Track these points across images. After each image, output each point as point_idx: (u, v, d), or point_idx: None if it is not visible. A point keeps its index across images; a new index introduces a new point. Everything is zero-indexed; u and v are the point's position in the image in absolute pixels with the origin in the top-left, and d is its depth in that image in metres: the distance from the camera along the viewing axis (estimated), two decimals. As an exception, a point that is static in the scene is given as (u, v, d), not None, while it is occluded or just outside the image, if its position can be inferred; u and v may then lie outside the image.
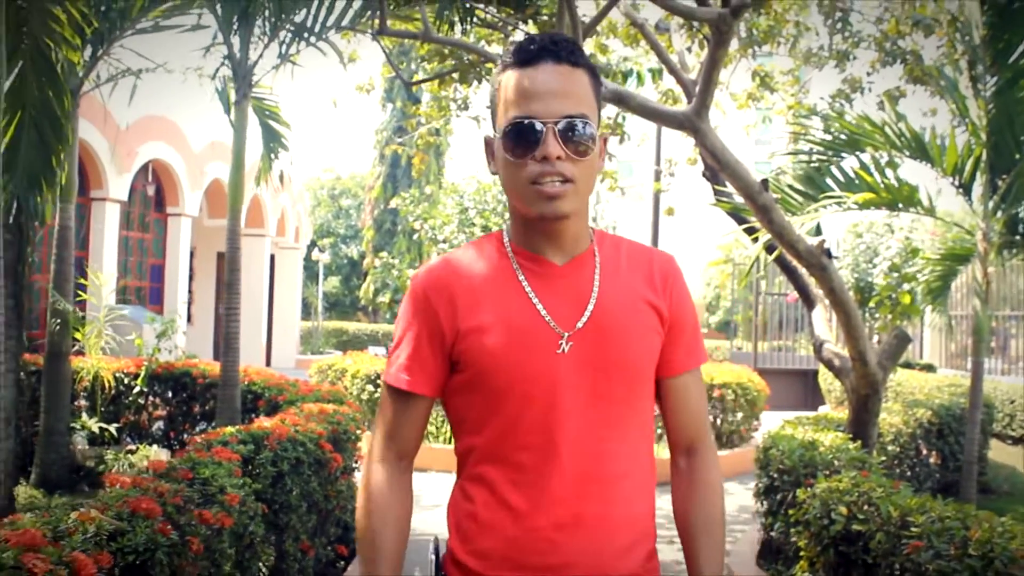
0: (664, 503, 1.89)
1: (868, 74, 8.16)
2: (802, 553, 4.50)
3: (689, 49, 8.03)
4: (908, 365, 14.87)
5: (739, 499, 7.89)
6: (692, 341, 1.76)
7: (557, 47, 1.60)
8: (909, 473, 7.77)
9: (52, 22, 5.48)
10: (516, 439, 1.61)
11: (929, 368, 14.97)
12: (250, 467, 4.01)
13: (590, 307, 1.63)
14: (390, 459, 1.73)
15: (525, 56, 1.61)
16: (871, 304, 8.31)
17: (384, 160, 30.31)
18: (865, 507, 3.88)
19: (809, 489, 4.40)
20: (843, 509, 3.96)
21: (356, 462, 5.39)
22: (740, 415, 10.48)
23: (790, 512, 4.66)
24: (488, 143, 1.69)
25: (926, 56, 7.83)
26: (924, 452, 8.01)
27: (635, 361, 1.65)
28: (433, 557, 1.74)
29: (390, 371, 1.72)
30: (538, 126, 1.56)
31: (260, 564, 4.01)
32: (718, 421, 10.37)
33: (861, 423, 5.90)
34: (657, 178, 11.42)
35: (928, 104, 7.52)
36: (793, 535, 4.70)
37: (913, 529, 3.43)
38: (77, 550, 2.20)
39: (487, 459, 1.65)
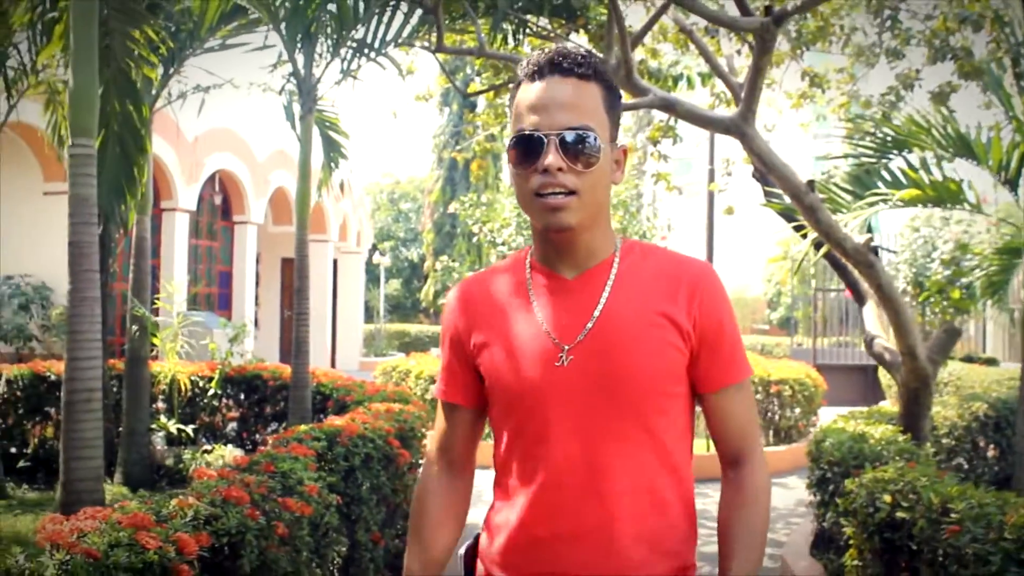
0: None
1: (917, 71, 8.22)
2: (851, 541, 4.66)
3: (739, 52, 8.17)
4: (970, 359, 14.78)
5: (797, 493, 8.01)
6: (729, 356, 1.72)
7: (564, 60, 1.62)
8: (967, 466, 7.83)
9: (131, 43, 5.86)
10: (521, 450, 1.67)
11: (991, 362, 14.85)
12: (323, 462, 4.28)
13: (592, 320, 1.64)
14: (440, 466, 1.84)
15: (532, 70, 1.63)
16: (922, 299, 8.37)
17: (442, 164, 30.68)
18: (909, 495, 4.03)
19: (856, 479, 4.56)
20: (887, 497, 4.12)
21: (422, 458, 5.66)
22: (798, 411, 10.58)
23: (839, 502, 4.82)
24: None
25: (977, 52, 7.87)
26: (982, 445, 8.06)
27: (641, 375, 1.63)
28: (464, 548, 1.82)
29: (437, 387, 1.84)
30: (538, 137, 1.58)
31: (335, 552, 4.30)
32: (776, 417, 10.50)
33: (912, 416, 6.02)
34: (712, 178, 11.54)
35: (983, 98, 7.55)
36: (843, 525, 4.86)
37: (953, 515, 3.57)
38: (180, 531, 2.49)
39: (503, 467, 1.72)
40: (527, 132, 1.59)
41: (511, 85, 1.74)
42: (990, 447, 8.10)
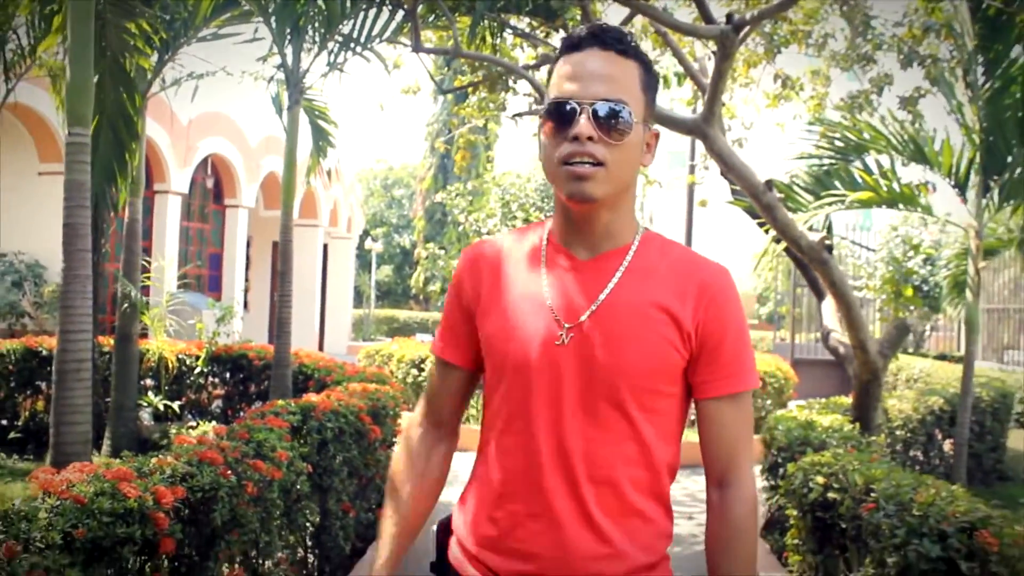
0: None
1: (886, 75, 8.52)
2: (791, 522, 4.98)
3: (715, 53, 8.45)
4: (943, 357, 15.13)
5: (760, 482, 8.34)
6: (732, 364, 1.67)
7: (604, 34, 1.62)
8: (922, 458, 8.17)
9: (126, 35, 6.14)
10: (504, 420, 1.66)
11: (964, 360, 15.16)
12: (298, 435, 4.58)
13: (596, 303, 1.63)
14: (425, 425, 1.85)
15: (572, 42, 1.63)
16: (875, 295, 8.70)
17: (435, 152, 30.90)
18: (840, 477, 4.34)
19: (796, 463, 4.88)
20: (820, 479, 4.43)
21: (395, 436, 5.96)
22: (768, 402, 10.92)
23: (780, 484, 5.14)
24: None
25: (943, 59, 8.17)
26: (939, 438, 8.39)
27: (634, 368, 1.61)
28: (437, 524, 1.83)
29: (434, 340, 1.86)
30: (572, 106, 1.57)
31: (306, 520, 4.60)
32: (747, 408, 10.83)
33: (863, 407, 6.34)
34: (691, 171, 11.84)
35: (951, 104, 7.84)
36: (785, 506, 5.18)
37: (873, 495, 3.90)
38: (158, 484, 2.79)
39: (488, 435, 1.71)
40: (560, 100, 1.58)
41: (551, 62, 1.80)
42: (946, 441, 8.43)
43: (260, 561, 3.77)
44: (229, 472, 3.16)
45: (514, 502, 1.63)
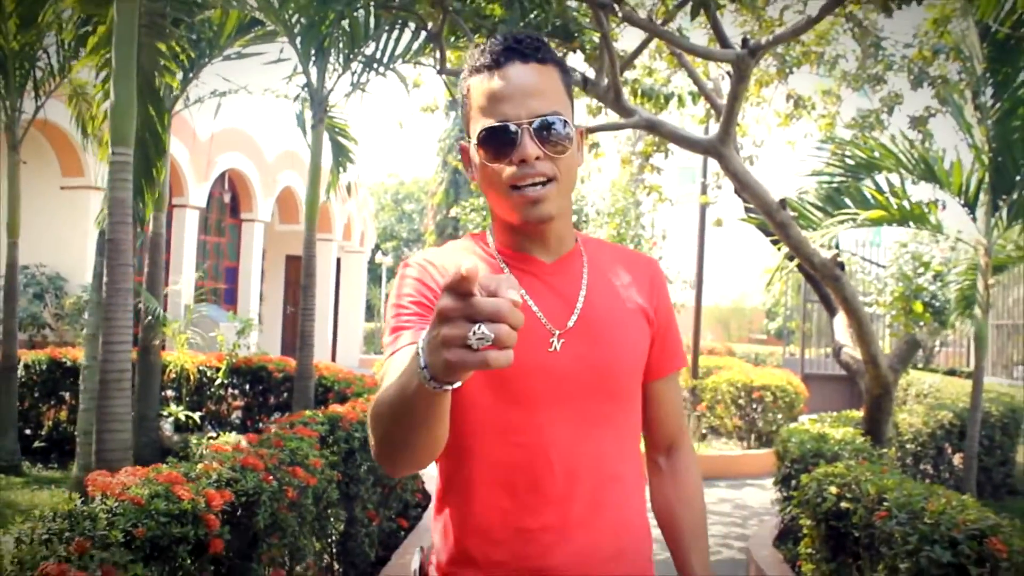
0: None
1: (897, 95, 8.69)
2: (804, 531, 5.11)
3: (728, 73, 8.62)
4: (953, 372, 15.21)
5: (773, 493, 8.46)
6: (675, 345, 1.77)
7: (522, 45, 1.56)
8: (932, 471, 8.28)
9: (158, 55, 6.33)
10: (507, 436, 1.57)
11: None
12: (325, 444, 4.74)
13: (579, 305, 1.62)
14: None
15: (491, 58, 1.56)
16: (884, 311, 8.83)
17: (447, 167, 31.12)
18: (853, 487, 4.48)
19: (809, 474, 5.01)
20: (834, 489, 4.56)
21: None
22: (780, 416, 11.04)
23: (794, 495, 5.28)
24: (464, 150, 1.65)
25: (953, 80, 8.32)
26: (949, 452, 8.50)
27: (625, 361, 1.64)
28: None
29: (395, 346, 1.51)
30: (512, 128, 1.51)
31: (334, 527, 4.75)
32: (757, 421, 10.97)
33: (874, 421, 6.47)
34: (704, 191, 11.99)
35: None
36: (799, 516, 5.31)
37: (885, 504, 4.03)
38: (207, 488, 2.95)
39: (479, 459, 1.59)
40: (498, 123, 1.52)
41: (461, 77, 1.66)
42: (956, 455, 8.55)
43: (293, 566, 3.92)
44: (271, 477, 3.31)
45: (524, 519, 1.55)
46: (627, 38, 8.20)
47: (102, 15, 5.74)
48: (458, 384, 1.13)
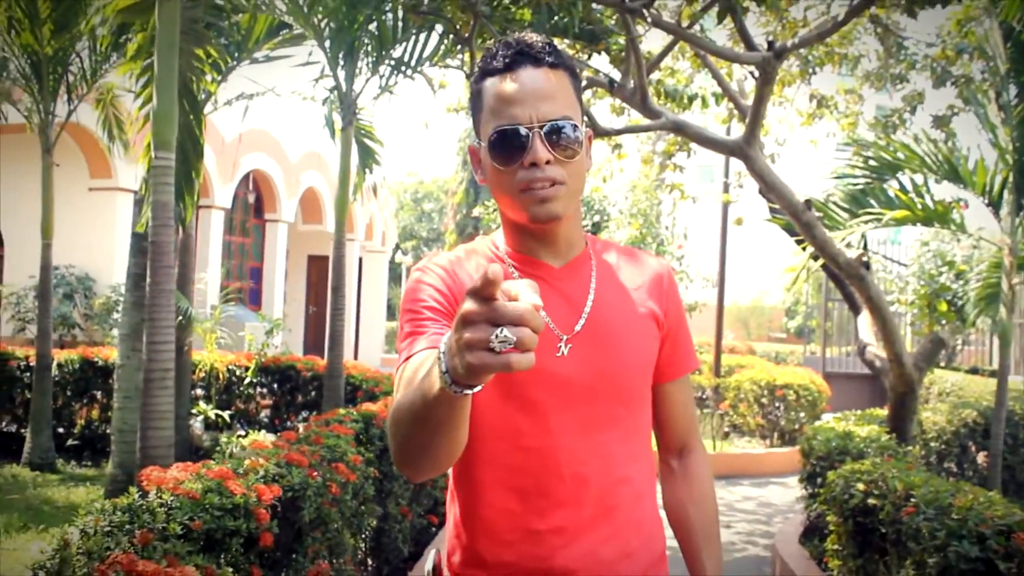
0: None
1: (920, 94, 8.72)
2: (831, 528, 5.18)
3: (752, 74, 8.68)
4: (975, 371, 15.21)
5: (796, 491, 8.52)
6: (686, 348, 1.78)
7: (533, 49, 1.58)
8: (956, 470, 8.32)
9: (194, 60, 6.46)
10: (515, 440, 1.59)
11: (997, 374, 15.23)
12: (360, 441, 4.84)
13: (587, 310, 1.63)
14: None
15: (503, 61, 1.57)
16: (909, 310, 8.86)
17: (467, 166, 31.20)
18: (879, 484, 4.54)
19: (836, 471, 5.08)
20: (861, 486, 4.63)
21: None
22: (802, 415, 11.09)
23: (820, 492, 5.34)
24: (473, 152, 1.66)
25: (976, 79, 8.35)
26: (973, 450, 8.54)
27: (633, 365, 1.65)
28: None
29: (410, 351, 1.51)
30: (523, 132, 1.53)
31: (368, 523, 4.85)
32: (780, 420, 11.02)
33: (899, 419, 6.52)
34: (726, 190, 12.04)
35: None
36: (825, 513, 5.38)
37: (912, 500, 4.10)
38: (256, 483, 3.05)
39: (488, 463, 1.61)
40: (509, 127, 1.54)
41: (472, 79, 1.67)
42: (980, 453, 8.58)
43: (332, 560, 4.03)
44: (315, 473, 3.42)
45: (533, 521, 1.57)
46: (651, 39, 8.26)
47: (141, 22, 5.87)
48: (479, 388, 1.13)
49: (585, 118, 1.77)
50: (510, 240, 1.68)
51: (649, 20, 5.23)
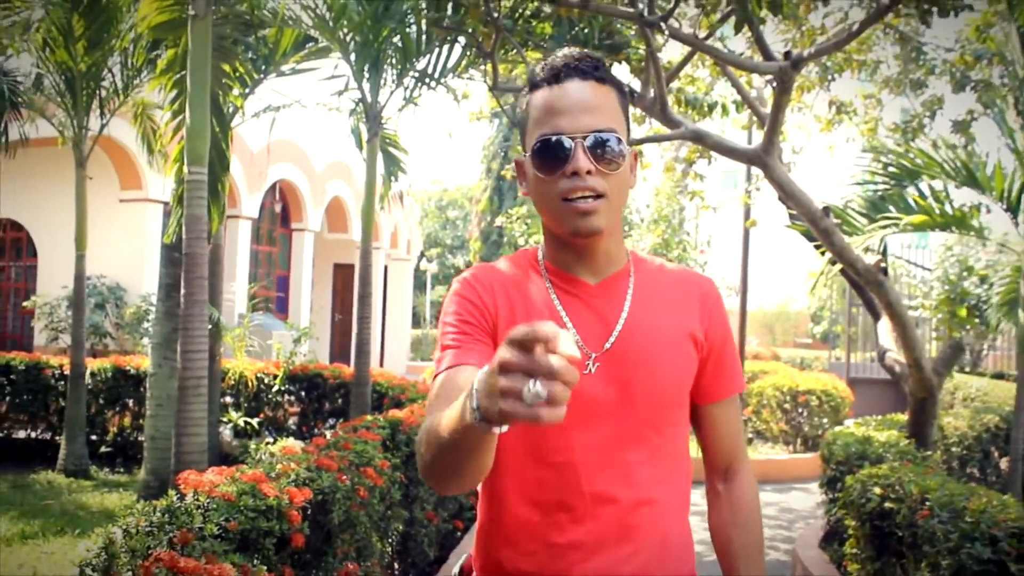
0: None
1: (939, 99, 8.77)
2: (849, 532, 5.25)
3: (770, 82, 8.76)
4: (1000, 376, 15.14)
5: (818, 496, 8.57)
6: (731, 369, 1.75)
7: (581, 63, 1.60)
8: (978, 475, 8.34)
9: (222, 75, 6.63)
10: (538, 455, 1.61)
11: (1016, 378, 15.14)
12: (387, 447, 4.97)
13: (618, 328, 1.63)
14: None
15: (551, 74, 1.60)
16: (932, 315, 8.89)
17: (491, 174, 31.36)
18: (896, 488, 4.61)
19: (854, 475, 5.15)
20: (878, 490, 4.70)
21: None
22: (825, 420, 11.12)
23: (838, 496, 5.41)
24: (519, 164, 1.68)
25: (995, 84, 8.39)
26: (995, 455, 8.56)
27: (664, 386, 1.63)
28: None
29: (441, 365, 1.58)
30: (567, 142, 1.54)
31: (395, 527, 4.98)
32: (803, 425, 11.06)
33: (919, 424, 6.56)
34: (747, 193, 12.11)
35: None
36: (844, 517, 5.45)
37: (928, 504, 4.17)
38: (288, 487, 3.18)
39: (513, 476, 1.64)
40: (552, 136, 1.56)
41: (522, 92, 1.70)
42: (1003, 459, 8.59)
43: (360, 563, 4.15)
44: (344, 477, 3.54)
45: (553, 534, 1.59)
46: (670, 48, 8.37)
47: (173, 39, 6.05)
48: (507, 428, 1.15)
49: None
50: (550, 252, 1.69)
51: (667, 33, 5.33)
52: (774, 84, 5.90)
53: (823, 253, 6.88)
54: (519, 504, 1.62)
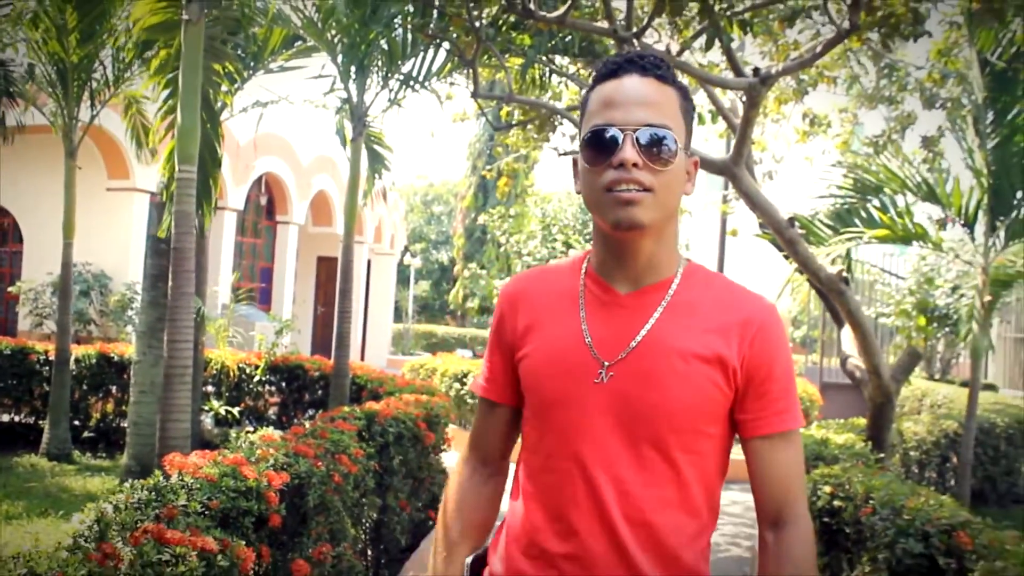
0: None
1: (908, 115, 9.06)
2: (803, 528, 5.51)
3: (740, 97, 9.02)
4: (968, 384, 15.45)
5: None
6: (778, 401, 1.61)
7: (643, 60, 1.57)
8: (937, 478, 8.63)
9: (213, 74, 6.83)
10: (543, 458, 1.62)
11: (991, 388, 15.52)
12: (363, 438, 5.19)
13: (635, 341, 1.57)
14: (472, 464, 1.81)
15: (611, 68, 1.59)
16: (889, 324, 9.20)
17: (476, 171, 31.55)
18: (844, 487, 4.87)
19: (808, 475, 5.41)
20: (827, 488, 4.95)
21: (445, 443, 6.56)
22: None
23: (794, 494, 5.67)
24: (575, 163, 1.65)
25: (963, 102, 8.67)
26: (954, 460, 8.84)
27: (676, 407, 1.55)
28: (472, 558, 1.77)
29: (478, 380, 1.79)
30: (616, 133, 1.52)
31: (368, 514, 5.20)
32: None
33: (877, 428, 6.83)
34: (724, 201, 12.37)
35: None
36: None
37: (871, 502, 4.43)
38: (267, 470, 3.41)
39: (526, 475, 1.67)
40: (602, 126, 1.54)
41: (585, 91, 1.70)
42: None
43: (333, 546, 4.37)
44: (320, 463, 3.77)
45: (549, 542, 1.59)
46: (651, 58, 8.60)
47: (165, 39, 6.25)
48: None
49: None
50: (595, 257, 1.67)
51: (639, 48, 5.57)
52: (742, 99, 6.15)
53: (791, 262, 7.14)
54: (531, 506, 1.63)
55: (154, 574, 2.37)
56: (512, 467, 1.83)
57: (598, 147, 1.54)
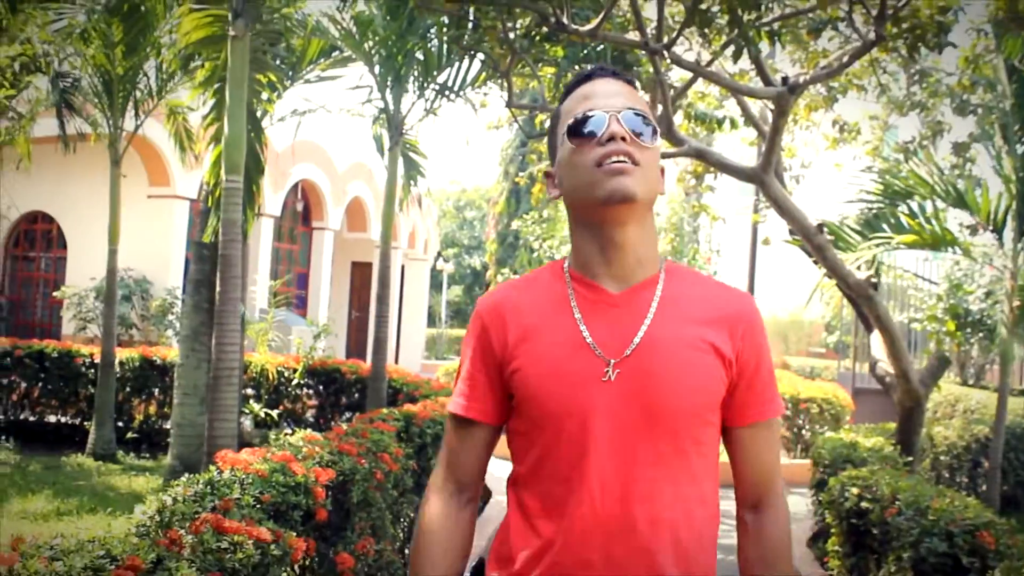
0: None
1: (939, 122, 9.10)
2: (832, 529, 5.62)
3: (767, 106, 9.11)
4: (1004, 389, 15.37)
5: (809, 497, 8.90)
6: (764, 391, 1.67)
7: (610, 68, 1.68)
8: (968, 482, 8.66)
9: (257, 85, 7.05)
10: (551, 469, 1.58)
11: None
12: (401, 438, 5.36)
13: (637, 338, 1.57)
14: (449, 490, 1.71)
15: (582, 76, 1.69)
16: (920, 328, 9.23)
17: (508, 176, 31.66)
18: (872, 489, 4.98)
19: (836, 477, 5.51)
20: (855, 490, 5.06)
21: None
22: (825, 428, 11.45)
23: (821, 497, 5.78)
24: (548, 176, 1.70)
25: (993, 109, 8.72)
26: (986, 465, 8.87)
27: (686, 399, 1.57)
28: (468, 573, 1.73)
29: (452, 399, 1.71)
30: (601, 114, 1.56)
31: (406, 512, 5.37)
32: (803, 432, 11.41)
33: (905, 432, 6.91)
34: (756, 209, 12.44)
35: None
36: (826, 515, 5.82)
37: (897, 503, 4.53)
38: (313, 467, 3.58)
39: (526, 487, 1.62)
40: (587, 111, 1.59)
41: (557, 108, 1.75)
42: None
43: (376, 540, 4.54)
44: (363, 461, 3.94)
45: (562, 552, 1.55)
46: (672, 77, 8.74)
47: (210, 52, 6.48)
48: None
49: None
50: (576, 259, 1.66)
51: (669, 60, 5.70)
52: (771, 108, 6.26)
53: (820, 267, 7.24)
54: (538, 518, 1.59)
55: (214, 560, 2.53)
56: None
57: (584, 129, 1.58)
